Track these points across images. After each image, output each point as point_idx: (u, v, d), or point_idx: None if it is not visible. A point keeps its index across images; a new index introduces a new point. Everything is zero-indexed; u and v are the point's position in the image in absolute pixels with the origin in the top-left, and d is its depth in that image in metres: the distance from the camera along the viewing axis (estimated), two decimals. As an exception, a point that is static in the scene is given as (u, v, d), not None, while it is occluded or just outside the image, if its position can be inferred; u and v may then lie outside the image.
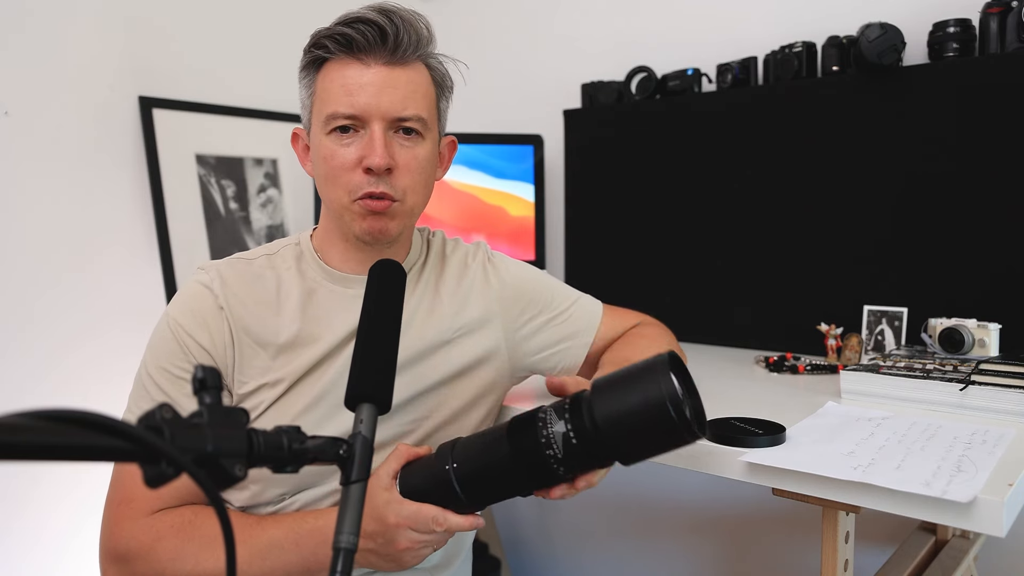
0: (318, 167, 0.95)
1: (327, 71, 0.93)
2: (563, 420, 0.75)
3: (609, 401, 0.73)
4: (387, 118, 0.91)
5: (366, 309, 0.79)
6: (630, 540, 2.06)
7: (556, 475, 0.77)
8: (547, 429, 0.75)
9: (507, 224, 1.98)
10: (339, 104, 0.90)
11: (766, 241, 1.63)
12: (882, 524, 1.60)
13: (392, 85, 0.91)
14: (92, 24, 1.61)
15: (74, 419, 0.43)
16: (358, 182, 0.91)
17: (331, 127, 0.92)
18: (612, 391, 0.73)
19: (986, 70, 1.35)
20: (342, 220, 0.95)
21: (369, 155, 0.90)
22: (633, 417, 0.71)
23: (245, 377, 0.94)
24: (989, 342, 1.25)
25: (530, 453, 0.76)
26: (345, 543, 0.61)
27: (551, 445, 0.75)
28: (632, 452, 0.74)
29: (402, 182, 0.93)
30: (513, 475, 0.77)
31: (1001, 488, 0.77)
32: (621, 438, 0.72)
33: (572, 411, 0.75)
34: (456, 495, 0.79)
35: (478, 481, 0.79)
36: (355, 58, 0.91)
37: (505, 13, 2.22)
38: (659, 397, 0.70)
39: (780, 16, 1.71)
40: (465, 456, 0.79)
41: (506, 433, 0.78)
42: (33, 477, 1.52)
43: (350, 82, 0.90)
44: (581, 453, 0.74)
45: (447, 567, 1.05)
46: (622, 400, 0.72)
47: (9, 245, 1.49)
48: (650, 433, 0.72)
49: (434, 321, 1.01)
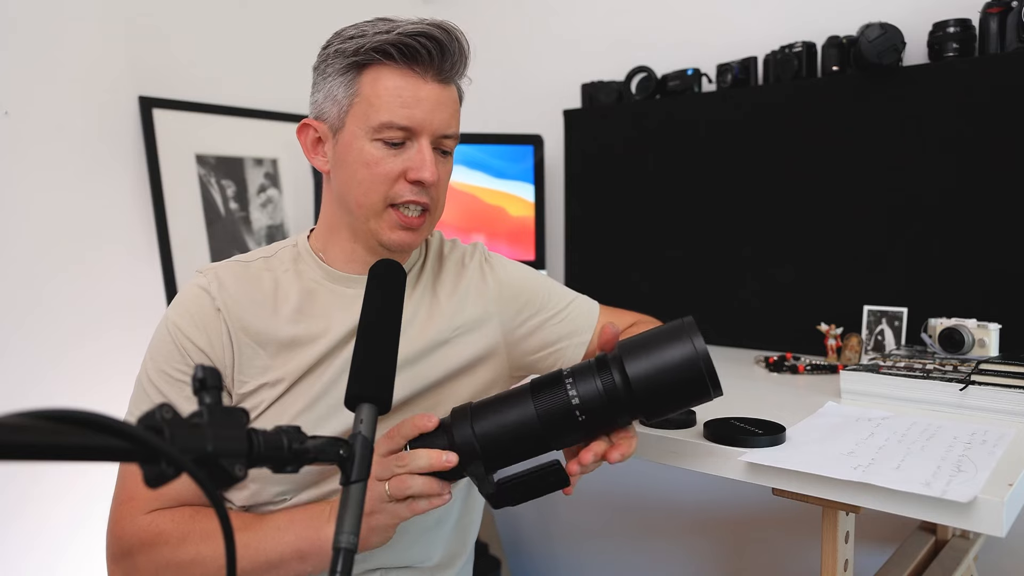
0: (352, 169, 0.94)
1: (378, 76, 0.92)
2: (592, 379, 0.77)
3: (641, 360, 0.75)
4: (436, 135, 0.94)
5: (366, 309, 0.79)
6: (630, 540, 2.06)
7: (577, 432, 0.79)
8: (574, 389, 0.77)
9: (507, 224, 1.98)
10: (394, 115, 0.91)
11: (766, 241, 1.63)
12: (882, 524, 1.60)
13: (443, 103, 0.94)
14: (92, 24, 1.61)
15: (74, 419, 0.43)
16: (399, 191, 0.93)
17: (383, 136, 0.92)
18: (644, 350, 0.76)
19: (986, 70, 1.35)
20: (367, 225, 0.95)
21: (419, 168, 0.92)
22: (666, 375, 0.75)
23: (245, 377, 0.94)
24: (989, 342, 1.25)
25: (556, 412, 0.77)
26: (345, 543, 0.61)
27: (579, 402, 0.77)
28: (659, 409, 0.78)
29: (436, 195, 0.97)
30: (536, 434, 0.78)
31: (1001, 488, 0.78)
32: (652, 395, 0.76)
33: (600, 370, 0.77)
34: (478, 454, 0.79)
35: (504, 452, 0.79)
36: (412, 70, 0.92)
37: (505, 13, 2.22)
38: (693, 355, 0.74)
39: (780, 16, 1.71)
40: (486, 419, 0.79)
41: (530, 392, 0.79)
42: (33, 476, 1.52)
43: (406, 94, 0.91)
44: (607, 411, 0.77)
45: (449, 567, 1.06)
46: (656, 359, 0.75)
47: (9, 245, 1.49)
48: (681, 390, 0.76)
49: (432, 321, 1.02)
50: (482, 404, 0.81)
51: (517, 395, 0.80)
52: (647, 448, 1.01)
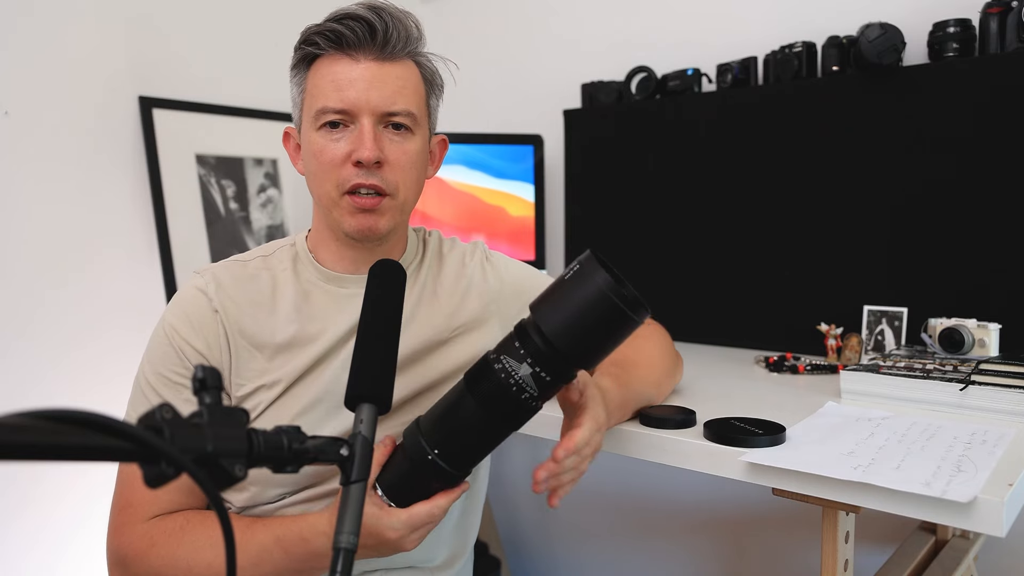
0: (308, 163, 0.95)
1: (317, 67, 0.93)
2: (516, 351, 0.75)
3: (552, 315, 0.73)
4: (376, 113, 0.91)
5: (366, 309, 0.79)
6: (630, 540, 2.06)
7: (533, 408, 0.77)
8: (503, 368, 0.75)
9: (507, 224, 1.98)
10: (328, 99, 0.91)
11: (766, 241, 1.63)
12: (882, 524, 1.60)
13: (381, 80, 0.91)
14: (92, 24, 1.61)
15: (74, 419, 0.43)
16: (346, 175, 0.91)
17: (321, 122, 0.92)
18: (551, 304, 0.74)
19: (986, 70, 1.35)
20: (331, 216, 0.95)
21: (358, 148, 0.90)
22: (583, 320, 0.72)
23: (242, 379, 0.94)
24: (989, 342, 1.25)
25: (497, 397, 0.75)
26: (345, 543, 0.61)
27: (520, 385, 0.74)
28: (590, 353, 0.75)
29: (393, 177, 0.93)
30: (493, 428, 0.77)
31: (1001, 488, 0.78)
32: (576, 344, 0.73)
33: (522, 341, 0.75)
34: (446, 473, 0.79)
35: (463, 452, 0.78)
36: (345, 54, 0.91)
37: (505, 13, 2.22)
38: (598, 290, 0.71)
39: (780, 16, 1.71)
40: (440, 435, 0.78)
41: (470, 394, 0.77)
42: (33, 476, 1.52)
43: (339, 77, 0.91)
44: (545, 377, 0.75)
45: (450, 567, 1.06)
46: (563, 309, 0.73)
47: (9, 245, 1.49)
48: (605, 329, 0.73)
49: (432, 320, 1.01)
50: (428, 417, 0.80)
51: (456, 395, 0.79)
52: (647, 448, 1.01)
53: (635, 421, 1.04)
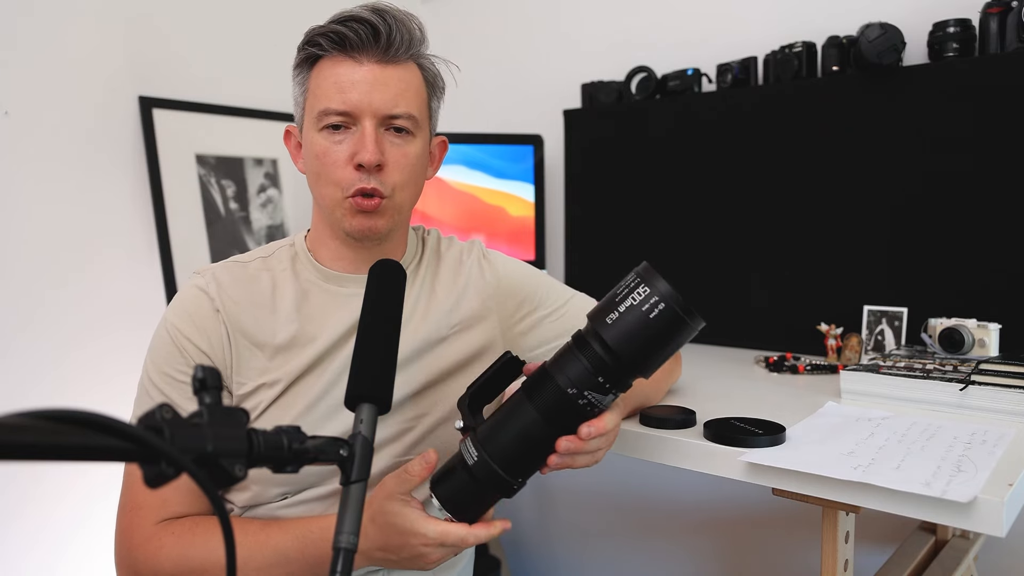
0: (310, 164, 0.96)
1: (320, 68, 0.94)
2: (576, 360, 0.76)
3: (614, 325, 0.75)
4: (378, 115, 0.92)
5: (366, 309, 0.79)
6: (630, 540, 2.06)
7: (584, 415, 0.78)
8: (564, 376, 0.77)
9: (507, 224, 1.98)
10: (331, 101, 0.91)
11: (766, 241, 1.63)
12: (882, 524, 1.60)
13: (384, 83, 0.92)
14: (92, 24, 1.61)
15: (74, 419, 0.43)
16: (350, 178, 0.92)
17: (323, 124, 0.92)
18: (611, 314, 0.75)
19: (986, 70, 1.35)
20: (333, 216, 0.95)
21: (360, 151, 0.91)
22: (643, 327, 0.73)
23: (243, 378, 0.94)
24: (989, 342, 1.25)
25: (556, 405, 0.77)
26: (345, 543, 0.61)
27: (575, 389, 0.76)
28: (651, 361, 0.77)
29: (392, 179, 0.94)
30: (546, 434, 0.78)
31: (1001, 488, 0.78)
32: (638, 352, 0.75)
33: (581, 349, 0.77)
34: (507, 484, 0.79)
35: (521, 462, 0.79)
36: (348, 56, 0.92)
37: (505, 13, 2.22)
38: (660, 300, 0.73)
39: (780, 16, 1.71)
40: (500, 449, 0.79)
41: (526, 397, 0.79)
42: (33, 476, 1.51)
43: (342, 79, 0.91)
44: (603, 384, 0.77)
45: (451, 568, 1.06)
46: (628, 321, 0.74)
47: (9, 245, 1.49)
48: (664, 336, 0.74)
49: (430, 318, 1.02)
50: (485, 429, 0.81)
51: (515, 405, 0.80)
52: (647, 448, 1.01)
53: (635, 421, 1.04)
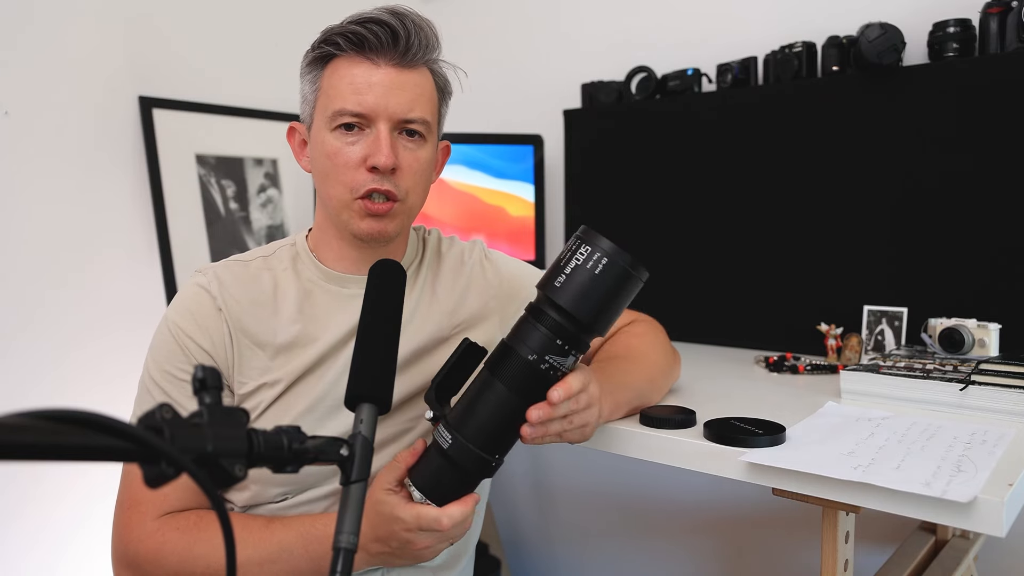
0: (319, 163, 0.95)
1: (335, 68, 0.93)
2: (534, 329, 0.78)
3: (563, 287, 0.77)
4: (393, 119, 0.92)
5: (366, 309, 0.79)
6: (630, 540, 2.06)
7: (552, 382, 0.80)
8: (525, 347, 0.78)
9: (507, 224, 1.98)
10: (346, 101, 0.91)
11: (766, 241, 1.63)
12: (882, 524, 1.60)
13: (400, 87, 0.92)
14: (92, 24, 1.61)
15: (74, 419, 0.43)
16: (362, 180, 0.92)
17: (336, 123, 0.92)
18: (560, 279, 0.78)
19: (986, 70, 1.35)
20: (340, 218, 0.95)
21: (375, 154, 0.91)
22: (595, 287, 0.76)
23: (244, 377, 0.94)
24: (989, 342, 1.25)
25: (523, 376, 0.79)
26: (345, 543, 0.61)
27: (536, 356, 0.78)
28: (604, 317, 0.79)
29: (405, 183, 0.94)
30: (518, 407, 0.80)
31: (1001, 488, 0.78)
32: (594, 311, 0.77)
33: (537, 317, 0.79)
34: (485, 462, 0.81)
35: (495, 438, 0.81)
36: (365, 57, 0.92)
37: (505, 13, 2.22)
38: (603, 256, 0.76)
39: (780, 16, 1.71)
40: (474, 429, 0.80)
41: (490, 374, 0.80)
42: (33, 477, 1.52)
43: (359, 80, 0.91)
44: (565, 348, 0.79)
45: (452, 567, 1.06)
46: (576, 281, 0.77)
47: (9, 245, 1.49)
48: (615, 292, 0.77)
49: (432, 318, 1.02)
50: (455, 412, 0.82)
51: (481, 384, 0.81)
52: (647, 448, 1.01)
53: (635, 421, 1.04)
